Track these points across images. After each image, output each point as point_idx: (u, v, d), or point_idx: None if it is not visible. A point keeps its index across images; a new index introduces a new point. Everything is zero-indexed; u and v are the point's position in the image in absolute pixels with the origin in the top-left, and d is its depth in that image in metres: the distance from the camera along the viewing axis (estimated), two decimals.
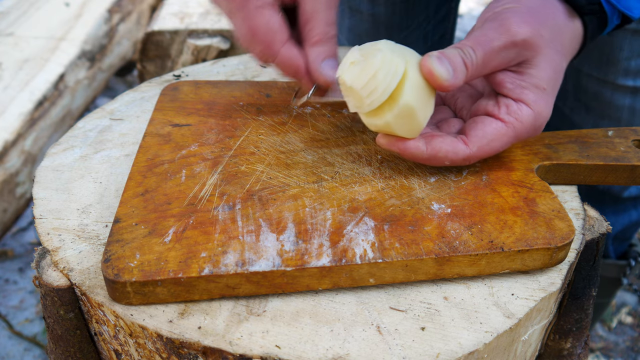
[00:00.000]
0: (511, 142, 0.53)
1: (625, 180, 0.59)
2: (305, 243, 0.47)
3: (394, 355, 0.42)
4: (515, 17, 0.51)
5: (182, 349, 0.43)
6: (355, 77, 0.50)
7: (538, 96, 0.52)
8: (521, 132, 0.53)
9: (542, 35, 0.52)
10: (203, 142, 0.59)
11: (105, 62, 1.71)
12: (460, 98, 0.60)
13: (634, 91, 0.86)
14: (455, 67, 0.50)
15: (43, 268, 0.48)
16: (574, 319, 0.56)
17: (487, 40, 0.51)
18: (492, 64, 0.51)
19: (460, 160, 0.52)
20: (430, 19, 1.01)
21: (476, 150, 0.52)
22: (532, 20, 0.51)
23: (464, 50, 0.51)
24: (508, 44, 0.51)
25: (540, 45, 0.52)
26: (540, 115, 0.53)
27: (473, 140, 0.52)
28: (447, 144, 0.52)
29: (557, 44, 0.53)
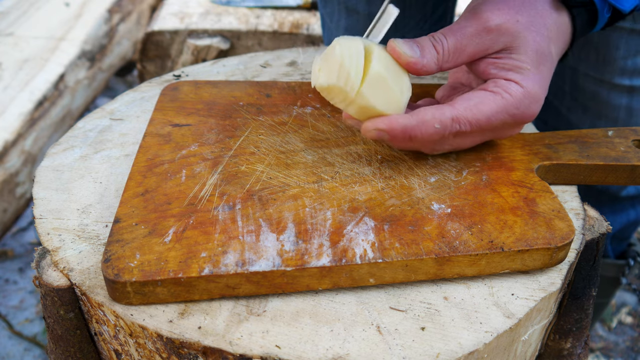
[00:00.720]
0: (504, 113, 0.53)
1: (625, 180, 0.59)
2: (305, 243, 0.47)
3: (394, 355, 0.42)
4: (488, 5, 0.53)
5: (182, 349, 0.43)
6: (327, 76, 0.51)
7: (523, 75, 0.53)
8: (512, 103, 0.52)
9: (518, 21, 0.52)
10: (203, 142, 0.59)
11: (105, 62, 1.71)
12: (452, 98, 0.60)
13: (631, 90, 0.86)
14: (423, 49, 0.51)
15: (43, 268, 0.48)
16: (574, 319, 0.56)
17: (459, 28, 0.52)
18: (468, 50, 0.52)
19: (449, 120, 0.52)
20: (427, 18, 1.01)
21: (463, 110, 0.52)
22: (505, 7, 0.52)
23: (434, 37, 0.52)
24: (480, 30, 0.52)
25: (517, 30, 0.52)
26: (530, 94, 0.53)
27: (458, 101, 0.52)
28: (432, 109, 0.52)
29: (538, 27, 0.53)
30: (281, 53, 0.84)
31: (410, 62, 0.51)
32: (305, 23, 1.42)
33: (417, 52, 0.51)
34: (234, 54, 1.36)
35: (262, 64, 0.80)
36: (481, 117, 0.52)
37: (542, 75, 0.54)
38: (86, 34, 1.64)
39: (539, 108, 0.54)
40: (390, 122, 0.51)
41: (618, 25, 0.81)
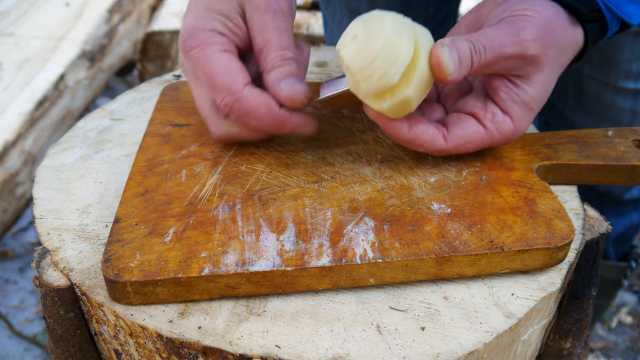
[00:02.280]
0: (484, 147, 0.55)
1: (625, 180, 0.59)
2: (305, 243, 0.47)
3: (394, 355, 0.42)
4: (532, 29, 0.51)
5: (182, 349, 0.43)
6: (354, 57, 0.48)
7: (524, 114, 0.54)
8: (496, 140, 0.55)
9: (548, 54, 0.52)
10: (203, 142, 0.59)
11: (105, 62, 1.71)
12: (448, 85, 0.60)
13: (635, 94, 0.87)
14: (462, 61, 0.49)
15: (43, 268, 0.48)
16: (574, 319, 0.56)
17: (501, 45, 0.50)
18: (496, 67, 0.52)
19: (435, 151, 0.54)
20: (429, 20, 1.01)
21: (452, 147, 0.54)
22: (545, 38, 0.51)
23: (475, 46, 0.50)
24: (517, 55, 0.51)
25: (543, 65, 0.52)
26: (518, 131, 0.54)
27: (452, 138, 0.53)
28: (428, 135, 0.53)
29: (557, 64, 0.54)
30: None
31: (447, 79, 0.49)
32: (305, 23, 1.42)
33: (456, 67, 0.49)
34: None
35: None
36: (464, 151, 0.55)
37: (534, 115, 0.55)
38: (86, 34, 1.64)
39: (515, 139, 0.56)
40: (389, 127, 0.52)
41: None
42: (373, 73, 0.47)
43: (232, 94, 0.51)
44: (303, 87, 0.52)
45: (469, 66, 0.50)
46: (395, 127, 0.52)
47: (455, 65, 0.48)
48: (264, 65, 0.54)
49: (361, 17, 0.49)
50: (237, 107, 0.52)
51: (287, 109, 0.53)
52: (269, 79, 0.53)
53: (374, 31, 0.47)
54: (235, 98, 0.52)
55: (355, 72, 0.48)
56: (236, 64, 0.53)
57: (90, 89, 1.64)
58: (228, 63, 0.52)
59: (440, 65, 0.48)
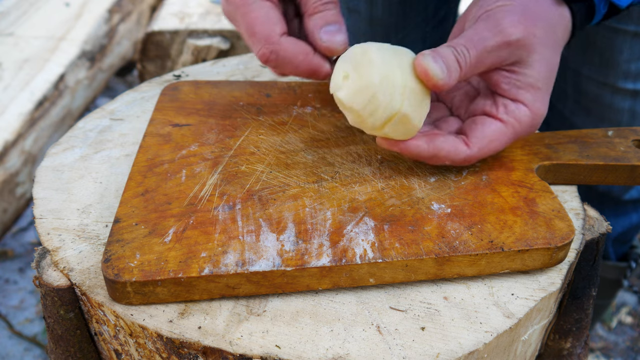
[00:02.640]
0: (510, 141, 0.54)
1: (625, 180, 0.59)
2: (305, 243, 0.47)
3: (394, 355, 0.42)
4: (510, 16, 0.51)
5: (182, 349, 0.43)
6: (353, 97, 0.49)
7: (534, 95, 0.52)
8: (520, 131, 0.53)
9: (535, 35, 0.52)
10: (203, 142, 0.59)
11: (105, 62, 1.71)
12: (456, 96, 0.60)
13: (634, 94, 0.87)
14: (449, 67, 0.49)
15: (43, 268, 0.48)
16: (574, 319, 0.56)
17: (481, 40, 0.50)
18: (486, 62, 0.51)
19: (461, 160, 0.53)
20: (428, 20, 1.01)
21: (477, 151, 0.53)
22: (525, 20, 0.51)
23: (457, 49, 0.50)
24: (502, 44, 0.51)
25: (533, 45, 0.52)
26: (537, 114, 0.53)
27: (474, 141, 0.53)
28: (448, 144, 0.52)
29: (550, 40, 0.53)
30: None
31: (439, 85, 0.49)
32: None
33: (445, 72, 0.49)
34: (234, 54, 1.36)
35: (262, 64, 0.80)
36: (491, 152, 0.54)
37: (548, 91, 0.54)
38: (86, 34, 1.64)
39: (540, 123, 0.54)
40: (407, 148, 0.52)
41: (622, 28, 0.81)
42: (377, 107, 0.49)
43: (269, 44, 0.54)
44: (341, 37, 0.54)
45: (458, 69, 0.50)
46: (412, 147, 0.52)
47: (442, 70, 0.49)
48: (305, 8, 0.56)
49: (345, 56, 0.51)
50: (274, 57, 0.55)
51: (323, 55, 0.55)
52: (309, 24, 0.55)
53: (366, 68, 0.49)
54: (272, 49, 0.54)
55: (360, 110, 0.50)
56: (274, 13, 0.54)
57: (90, 89, 1.64)
58: (267, 13, 0.54)
59: (427, 73, 0.49)
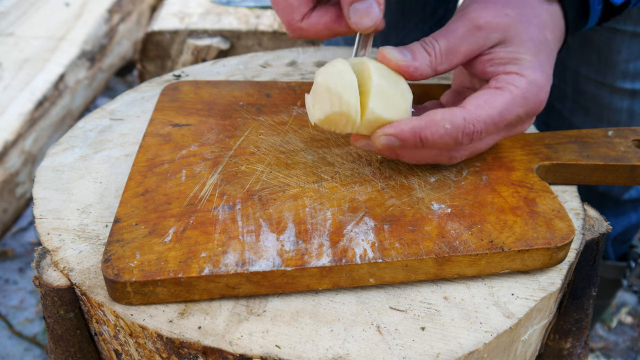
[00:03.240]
0: (515, 105, 0.51)
1: (625, 180, 0.59)
2: (305, 243, 0.47)
3: (394, 355, 0.42)
4: (475, 4, 0.53)
5: (182, 349, 0.43)
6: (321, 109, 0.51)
7: (522, 65, 0.52)
8: (520, 95, 0.51)
9: (507, 14, 0.52)
10: (203, 142, 0.59)
11: (105, 62, 1.71)
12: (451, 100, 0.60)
13: (632, 94, 0.87)
14: (414, 53, 0.51)
15: (43, 268, 0.48)
16: (574, 319, 0.56)
17: (449, 30, 0.52)
18: (461, 50, 0.52)
19: (461, 120, 0.50)
20: (426, 20, 1.01)
21: (474, 109, 0.50)
22: (492, 4, 0.52)
23: (425, 41, 0.52)
24: (470, 28, 0.52)
25: (507, 23, 0.52)
26: (534, 82, 0.51)
27: (467, 101, 0.51)
28: (442, 110, 0.50)
29: (529, 17, 0.53)
30: (281, 53, 0.83)
31: (402, 65, 0.51)
32: None
33: (408, 56, 0.51)
34: (234, 54, 1.36)
35: (262, 64, 0.80)
36: (494, 113, 0.50)
37: (541, 62, 0.52)
38: (86, 34, 1.64)
39: (546, 95, 0.53)
40: (399, 125, 0.50)
41: (620, 28, 0.81)
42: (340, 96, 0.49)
43: (291, 30, 0.56)
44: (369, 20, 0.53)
45: (426, 56, 0.51)
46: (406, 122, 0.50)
47: (403, 54, 0.51)
48: None
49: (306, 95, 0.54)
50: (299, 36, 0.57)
51: None
52: None
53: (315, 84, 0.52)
54: (295, 34, 0.56)
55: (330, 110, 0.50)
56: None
57: (90, 89, 1.64)
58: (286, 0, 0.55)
59: (384, 56, 0.51)
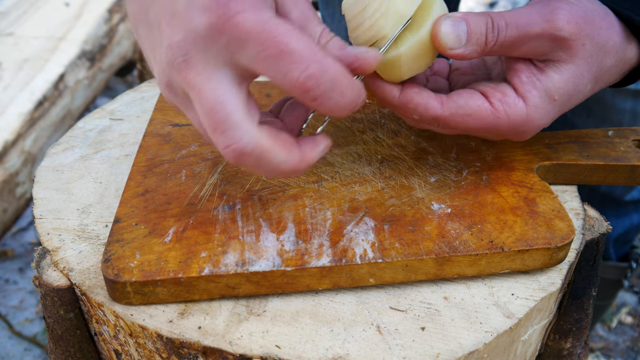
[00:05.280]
0: (487, 130, 0.49)
1: (625, 180, 0.59)
2: (305, 243, 0.47)
3: (394, 355, 0.42)
4: (568, 11, 0.46)
5: (182, 349, 0.43)
6: (351, 5, 0.47)
7: (542, 103, 0.48)
8: (503, 125, 0.48)
9: (584, 45, 0.47)
10: (203, 142, 0.59)
11: (105, 62, 1.71)
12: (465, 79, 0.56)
13: (636, 94, 0.86)
14: (471, 37, 0.45)
15: (43, 268, 0.48)
16: (574, 319, 0.56)
17: (528, 22, 0.46)
18: (522, 48, 0.47)
19: (430, 118, 0.48)
20: None
21: (448, 115, 0.48)
22: (583, 24, 0.46)
23: (494, 23, 0.45)
24: (547, 35, 0.46)
25: (577, 53, 0.47)
26: (531, 122, 0.48)
27: (450, 104, 0.48)
28: (421, 96, 0.47)
29: (595, 62, 0.48)
30: None
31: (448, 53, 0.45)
32: None
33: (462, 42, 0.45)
34: None
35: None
36: (463, 127, 0.49)
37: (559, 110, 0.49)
38: (86, 34, 1.64)
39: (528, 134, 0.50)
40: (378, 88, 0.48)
41: None
42: (363, 21, 0.46)
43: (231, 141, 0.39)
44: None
45: (482, 44, 0.46)
46: (385, 89, 0.48)
47: (458, 38, 0.45)
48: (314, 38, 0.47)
49: None
50: None
51: None
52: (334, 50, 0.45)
53: None
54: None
55: (349, 20, 0.48)
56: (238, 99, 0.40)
57: (90, 89, 1.64)
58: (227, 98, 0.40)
59: (437, 35, 0.45)
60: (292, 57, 0.37)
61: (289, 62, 0.37)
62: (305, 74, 0.37)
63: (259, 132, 0.39)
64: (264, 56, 0.37)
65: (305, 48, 0.37)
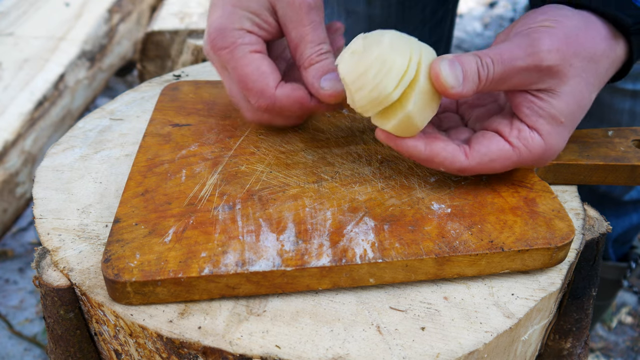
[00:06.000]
0: (513, 166, 0.51)
1: (625, 180, 0.59)
2: (305, 243, 0.47)
3: (394, 355, 0.42)
4: (548, 39, 0.48)
5: (182, 349, 0.43)
6: (349, 70, 0.48)
7: (553, 128, 0.50)
8: (526, 159, 0.51)
9: (572, 65, 0.48)
10: (203, 142, 0.59)
11: (105, 62, 1.71)
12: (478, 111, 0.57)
13: (634, 94, 0.86)
14: (466, 76, 0.47)
15: (43, 268, 0.48)
16: (574, 319, 0.56)
17: (511, 58, 0.48)
18: (511, 82, 0.49)
19: (456, 170, 0.51)
20: (426, 21, 1.01)
21: (475, 165, 0.50)
22: (565, 47, 0.48)
23: (482, 60, 0.48)
24: (532, 67, 0.48)
25: (567, 76, 0.48)
26: (551, 149, 0.50)
27: (474, 154, 0.50)
28: (447, 151, 0.50)
29: (589, 75, 0.50)
30: None
31: (449, 93, 0.47)
32: None
33: (460, 81, 0.47)
34: None
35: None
36: (490, 171, 0.51)
37: (571, 129, 0.51)
38: (86, 34, 1.64)
39: (553, 158, 0.52)
40: (402, 146, 0.50)
41: None
42: (365, 84, 0.47)
43: (265, 98, 0.54)
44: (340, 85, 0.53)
45: (476, 80, 0.48)
46: (409, 147, 0.50)
47: (456, 78, 0.47)
48: (301, 61, 0.55)
49: (361, 35, 0.50)
50: (271, 107, 0.55)
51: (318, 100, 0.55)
52: (308, 76, 0.54)
53: (371, 46, 0.48)
54: (269, 102, 0.54)
55: (349, 83, 0.48)
56: (267, 65, 0.54)
57: (90, 89, 1.64)
58: (259, 66, 0.54)
59: (438, 77, 0.47)
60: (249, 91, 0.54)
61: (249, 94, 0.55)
62: (257, 104, 0.55)
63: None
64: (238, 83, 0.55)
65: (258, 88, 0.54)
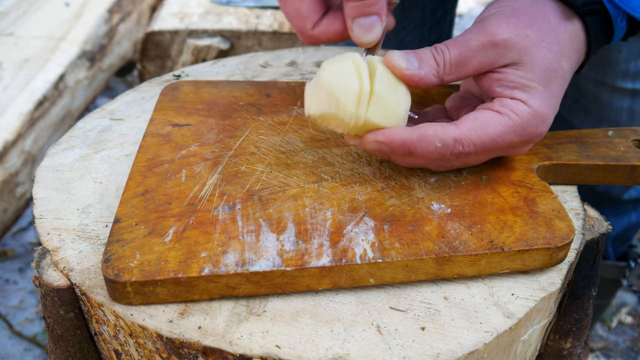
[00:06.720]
0: (510, 134, 0.51)
1: (625, 180, 0.59)
2: (305, 243, 0.47)
3: (394, 355, 0.42)
4: (496, 18, 0.51)
5: (182, 349, 0.43)
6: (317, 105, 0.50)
7: (530, 94, 0.51)
8: (519, 124, 0.51)
9: (527, 35, 0.51)
10: (203, 142, 0.59)
11: (105, 62, 1.71)
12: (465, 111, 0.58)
13: (633, 93, 0.86)
14: (422, 60, 0.50)
15: (43, 268, 0.48)
16: (574, 319, 0.56)
17: (464, 40, 0.51)
18: (472, 63, 0.51)
19: (452, 140, 0.50)
20: (426, 20, 1.01)
21: (467, 131, 0.50)
22: (514, 21, 0.51)
23: (436, 48, 0.51)
24: (486, 44, 0.50)
25: (525, 45, 0.50)
26: (537, 113, 0.51)
27: (463, 121, 0.51)
28: (436, 126, 0.50)
29: (549, 42, 0.51)
30: (281, 53, 0.84)
31: (406, 75, 0.50)
32: None
33: (414, 65, 0.50)
34: (234, 54, 1.36)
35: (262, 64, 0.80)
36: (486, 139, 0.50)
37: (551, 93, 0.52)
38: (86, 34, 1.63)
39: (547, 127, 0.53)
40: (391, 134, 0.50)
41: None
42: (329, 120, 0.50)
43: (305, 37, 0.57)
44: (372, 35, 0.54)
45: (434, 64, 0.51)
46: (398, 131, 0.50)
47: (410, 62, 0.50)
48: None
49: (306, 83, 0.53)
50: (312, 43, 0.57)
51: None
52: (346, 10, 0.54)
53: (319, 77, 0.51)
54: (309, 41, 0.57)
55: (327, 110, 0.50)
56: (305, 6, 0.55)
57: (90, 89, 1.64)
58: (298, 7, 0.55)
59: (392, 64, 0.50)
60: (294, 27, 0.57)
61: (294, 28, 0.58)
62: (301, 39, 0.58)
63: None
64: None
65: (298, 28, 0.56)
